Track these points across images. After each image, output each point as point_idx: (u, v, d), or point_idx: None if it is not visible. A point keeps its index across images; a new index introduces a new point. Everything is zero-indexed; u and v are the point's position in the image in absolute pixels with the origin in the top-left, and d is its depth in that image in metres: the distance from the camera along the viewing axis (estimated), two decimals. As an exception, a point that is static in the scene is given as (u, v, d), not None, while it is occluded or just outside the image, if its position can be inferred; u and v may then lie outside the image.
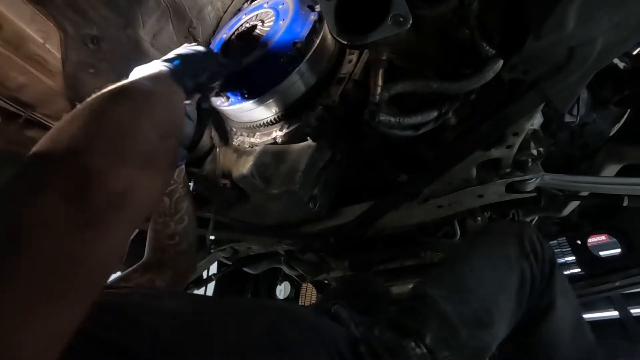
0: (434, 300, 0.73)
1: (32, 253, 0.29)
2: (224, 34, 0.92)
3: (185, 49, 0.65)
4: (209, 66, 0.66)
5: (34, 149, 0.36)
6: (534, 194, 0.84)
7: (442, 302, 0.72)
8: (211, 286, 1.53)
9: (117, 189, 0.35)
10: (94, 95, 0.42)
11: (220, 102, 0.84)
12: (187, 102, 0.66)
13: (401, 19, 0.50)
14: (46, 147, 0.36)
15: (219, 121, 0.82)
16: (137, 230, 0.74)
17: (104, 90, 0.42)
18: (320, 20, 0.81)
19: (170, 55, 0.62)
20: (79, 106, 0.41)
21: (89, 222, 0.32)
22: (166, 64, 0.58)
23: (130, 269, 0.75)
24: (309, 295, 2.46)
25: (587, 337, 0.82)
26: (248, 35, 0.85)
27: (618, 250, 1.48)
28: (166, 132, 0.45)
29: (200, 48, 0.67)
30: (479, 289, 0.74)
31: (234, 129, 0.92)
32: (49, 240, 0.30)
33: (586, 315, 1.80)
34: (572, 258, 1.74)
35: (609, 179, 0.93)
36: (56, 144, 0.36)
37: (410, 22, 0.50)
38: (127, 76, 0.52)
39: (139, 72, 0.56)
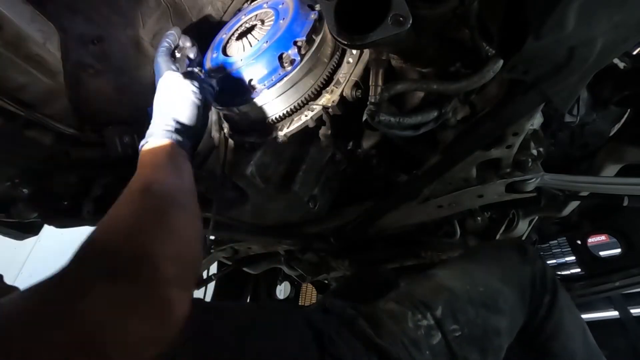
0: (442, 277, 0.77)
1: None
2: (223, 34, 0.92)
3: (180, 108, 0.63)
4: (205, 114, 0.68)
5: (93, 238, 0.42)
6: (534, 194, 0.84)
7: (450, 280, 0.77)
8: (211, 286, 1.53)
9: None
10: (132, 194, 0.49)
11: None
12: (197, 91, 0.66)
13: (401, 19, 0.50)
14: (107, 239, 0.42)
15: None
16: None
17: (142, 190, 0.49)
18: (320, 19, 0.80)
19: (170, 123, 0.60)
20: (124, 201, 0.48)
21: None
22: (171, 137, 0.59)
23: None
24: (309, 295, 2.45)
25: (596, 350, 0.86)
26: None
27: (618, 250, 1.48)
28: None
29: (193, 97, 0.64)
30: (484, 277, 0.79)
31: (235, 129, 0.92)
32: None
33: (586, 315, 1.80)
34: (572, 258, 1.74)
35: (609, 179, 0.93)
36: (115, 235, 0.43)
37: (410, 22, 0.50)
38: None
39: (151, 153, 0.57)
